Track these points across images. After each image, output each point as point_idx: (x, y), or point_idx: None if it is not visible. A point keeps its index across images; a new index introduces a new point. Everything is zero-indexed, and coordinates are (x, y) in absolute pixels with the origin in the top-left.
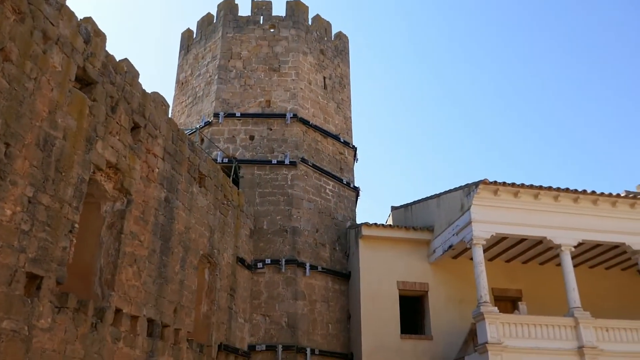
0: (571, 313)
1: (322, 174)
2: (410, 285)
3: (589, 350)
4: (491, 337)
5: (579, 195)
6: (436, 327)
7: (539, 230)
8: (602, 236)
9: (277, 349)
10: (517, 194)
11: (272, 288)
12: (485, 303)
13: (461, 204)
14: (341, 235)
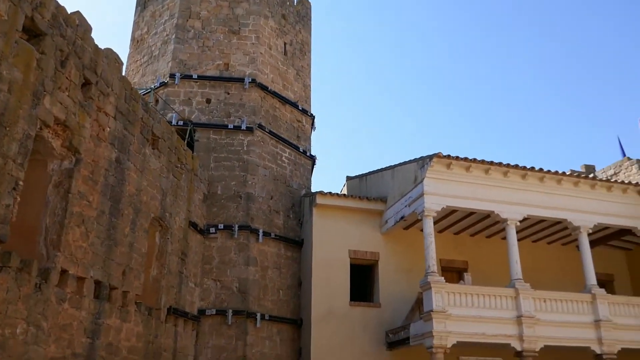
0: (512, 284)
1: (279, 141)
2: (362, 254)
3: (526, 320)
4: (436, 306)
5: (527, 172)
6: (385, 295)
7: (488, 205)
8: (546, 212)
9: (227, 314)
10: (468, 168)
11: (224, 253)
12: (433, 273)
13: (415, 176)
14: (295, 203)
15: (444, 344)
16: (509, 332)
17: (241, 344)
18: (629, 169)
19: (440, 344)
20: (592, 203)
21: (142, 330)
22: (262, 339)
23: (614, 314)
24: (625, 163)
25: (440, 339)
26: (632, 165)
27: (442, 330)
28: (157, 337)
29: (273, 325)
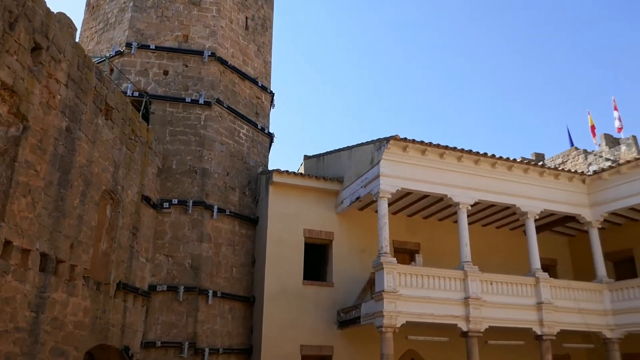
0: (461, 266)
1: (237, 117)
2: (317, 234)
3: (473, 301)
4: (387, 286)
5: (480, 158)
6: (338, 275)
7: (441, 188)
8: (497, 197)
9: (178, 290)
10: (424, 152)
11: (178, 229)
12: (385, 254)
13: (371, 158)
14: (252, 180)
15: (393, 324)
16: (457, 312)
17: (192, 321)
18: (576, 159)
19: (390, 324)
20: (540, 190)
21: (89, 305)
22: (213, 316)
23: (555, 297)
24: (573, 152)
25: (390, 318)
26: (579, 155)
27: (392, 310)
28: (105, 312)
29: (225, 303)
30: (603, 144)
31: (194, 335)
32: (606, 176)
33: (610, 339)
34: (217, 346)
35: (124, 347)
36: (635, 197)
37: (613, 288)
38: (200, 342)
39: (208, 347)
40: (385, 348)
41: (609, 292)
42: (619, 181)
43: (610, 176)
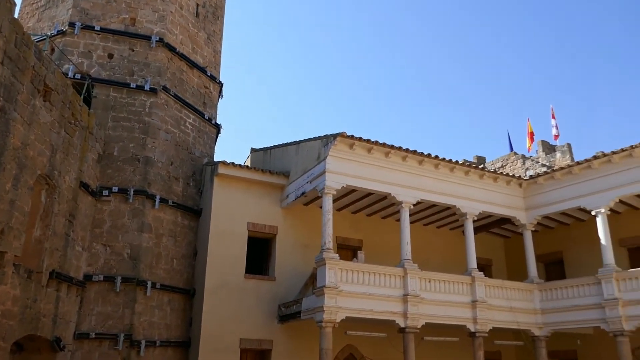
0: (402, 264)
1: (184, 105)
2: (260, 227)
3: (412, 298)
4: (329, 282)
5: (424, 158)
6: (280, 269)
7: (386, 187)
8: (438, 197)
9: (115, 280)
10: (370, 150)
11: (117, 218)
12: (328, 250)
13: (318, 154)
14: (197, 171)
15: (333, 319)
16: (395, 309)
17: (129, 312)
18: (515, 163)
19: (330, 319)
20: (479, 192)
21: (19, 294)
22: (151, 307)
23: (489, 295)
24: (512, 157)
25: (330, 313)
26: (518, 160)
27: (333, 305)
28: (36, 301)
29: (164, 295)
30: (540, 150)
31: (131, 327)
32: (541, 181)
33: (538, 336)
34: (154, 338)
35: (55, 337)
36: (567, 202)
37: (543, 288)
38: (136, 334)
39: (145, 339)
40: (324, 343)
41: (539, 292)
42: (552, 186)
43: (545, 181)
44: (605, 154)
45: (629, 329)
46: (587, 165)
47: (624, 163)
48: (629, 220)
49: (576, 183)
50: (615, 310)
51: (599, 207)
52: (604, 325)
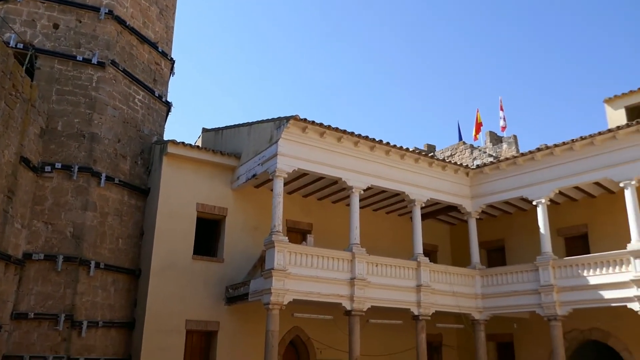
0: (350, 248)
1: (133, 81)
2: (210, 209)
3: (359, 282)
4: (277, 264)
5: (375, 144)
6: (229, 251)
7: (337, 171)
8: (388, 183)
9: (57, 259)
10: (323, 134)
11: (60, 195)
12: (278, 232)
13: (270, 136)
14: (145, 150)
15: (280, 301)
16: (342, 292)
17: (70, 292)
18: (463, 152)
19: (277, 301)
20: (428, 179)
21: None
22: (94, 288)
23: (433, 280)
24: (461, 147)
25: (277, 296)
26: (466, 149)
27: (281, 288)
28: None
29: (108, 275)
30: (487, 141)
31: (72, 307)
32: (487, 171)
33: (478, 320)
34: (97, 319)
35: None
36: (510, 192)
37: (484, 274)
38: (78, 314)
39: (87, 319)
40: (271, 325)
41: (481, 277)
42: (497, 176)
43: (491, 171)
44: (548, 146)
45: (562, 313)
46: (531, 156)
47: (565, 156)
48: (567, 211)
49: (520, 174)
50: (550, 296)
51: (540, 197)
52: (539, 310)
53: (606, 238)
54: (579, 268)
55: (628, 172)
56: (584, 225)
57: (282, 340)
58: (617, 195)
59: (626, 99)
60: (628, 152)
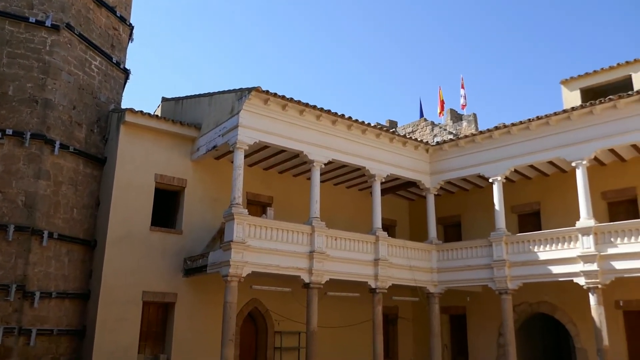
0: (310, 222)
1: (90, 46)
2: (169, 180)
3: (317, 255)
4: (237, 236)
5: (338, 119)
6: (188, 223)
7: (298, 145)
8: (349, 158)
9: (7, 229)
10: (285, 107)
11: (11, 162)
12: (237, 205)
13: (232, 107)
14: (102, 118)
15: (239, 273)
16: (301, 265)
17: (22, 262)
18: (424, 129)
19: (236, 273)
20: (388, 155)
21: None
22: (48, 258)
23: (391, 254)
24: (422, 123)
25: (236, 268)
26: (427, 126)
27: (239, 260)
28: None
29: (62, 245)
30: (448, 118)
31: (24, 278)
32: (446, 148)
33: (432, 293)
34: (50, 290)
35: None
36: (468, 169)
37: (440, 249)
38: (30, 285)
39: (39, 290)
40: (229, 297)
41: (437, 252)
42: (456, 153)
43: (450, 148)
44: (505, 125)
45: (513, 287)
46: (489, 135)
47: (521, 135)
48: (521, 189)
49: (478, 151)
50: (502, 271)
51: (496, 175)
52: (491, 284)
53: (557, 215)
54: (530, 244)
55: (580, 152)
56: (536, 202)
57: (240, 312)
58: (569, 175)
59: (581, 81)
60: (581, 132)
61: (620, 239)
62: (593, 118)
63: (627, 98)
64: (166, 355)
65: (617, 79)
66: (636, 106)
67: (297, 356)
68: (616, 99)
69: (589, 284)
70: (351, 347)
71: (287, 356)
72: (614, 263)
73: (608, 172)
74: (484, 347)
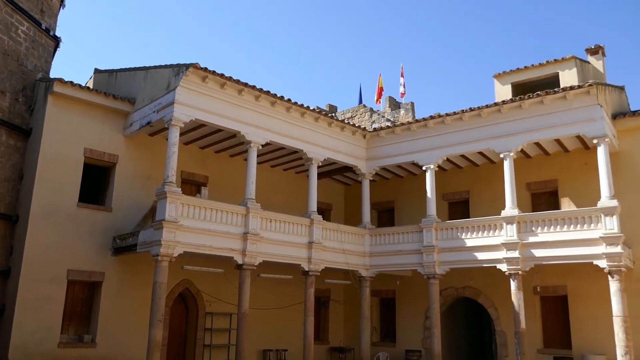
0: (245, 203)
1: (16, 10)
2: (99, 155)
3: (252, 236)
4: (169, 215)
5: (277, 100)
6: (118, 200)
7: (236, 125)
8: (287, 140)
9: None
10: (223, 85)
11: None
12: (171, 183)
13: (168, 83)
14: (28, 87)
15: (170, 253)
16: (235, 246)
17: None
18: (363, 115)
19: (167, 253)
20: (326, 139)
21: None
22: None
23: (325, 237)
24: (361, 109)
25: (167, 247)
26: (366, 113)
27: (171, 239)
28: None
29: None
30: (387, 106)
31: None
32: (383, 134)
33: (364, 277)
34: None
35: None
36: (403, 156)
37: (373, 233)
38: None
39: None
40: (158, 276)
41: (370, 236)
42: (392, 140)
43: (386, 135)
44: (440, 115)
45: (440, 272)
46: (424, 123)
47: (455, 125)
48: (452, 178)
49: (413, 139)
50: (431, 256)
51: (429, 163)
52: (420, 268)
53: (484, 204)
54: (458, 231)
55: (508, 144)
56: (466, 191)
57: (171, 293)
58: (497, 165)
59: (513, 76)
60: (510, 125)
61: (540, 228)
62: (522, 112)
63: (553, 95)
64: (91, 336)
65: (546, 75)
66: (561, 102)
67: (227, 337)
68: (543, 95)
69: (510, 270)
70: (283, 329)
71: (217, 337)
72: (534, 251)
73: (533, 164)
74: (411, 330)
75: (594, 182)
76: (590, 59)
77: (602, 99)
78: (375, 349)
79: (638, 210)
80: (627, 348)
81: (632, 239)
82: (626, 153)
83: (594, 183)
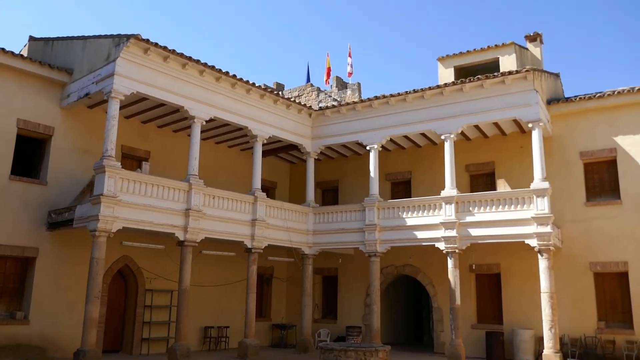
0: (187, 179)
1: None
2: (33, 126)
3: (194, 213)
4: (107, 190)
5: (222, 76)
6: (54, 174)
7: (179, 99)
8: (232, 117)
9: None
10: (166, 58)
11: None
12: (110, 157)
13: (108, 54)
14: None
15: (108, 228)
16: (176, 222)
17: None
18: (310, 94)
19: (105, 228)
20: (272, 117)
21: None
22: None
23: (269, 215)
24: (309, 88)
25: (105, 223)
26: (313, 92)
27: (109, 215)
28: None
29: None
30: (334, 86)
31: None
32: (328, 114)
33: (307, 254)
34: None
35: None
36: (348, 135)
37: (317, 212)
38: None
39: None
40: (96, 252)
41: (313, 215)
42: (338, 120)
43: (332, 114)
44: (385, 95)
45: (381, 250)
46: (369, 104)
47: (398, 106)
48: (395, 158)
49: (358, 119)
50: (372, 235)
51: (373, 143)
52: (362, 247)
53: (425, 184)
54: (399, 210)
55: (449, 126)
56: (408, 172)
57: (110, 269)
58: (438, 147)
59: (456, 59)
60: (452, 108)
61: (477, 208)
62: (463, 95)
63: (493, 79)
64: (23, 313)
65: (487, 60)
66: (500, 87)
67: (168, 314)
68: (483, 79)
69: (448, 248)
70: (225, 306)
71: (157, 314)
72: (471, 230)
73: (472, 146)
74: (353, 307)
75: (528, 165)
76: (529, 45)
77: (538, 85)
78: (317, 325)
79: (567, 192)
80: (552, 322)
81: (561, 219)
82: (558, 138)
83: (528, 166)
